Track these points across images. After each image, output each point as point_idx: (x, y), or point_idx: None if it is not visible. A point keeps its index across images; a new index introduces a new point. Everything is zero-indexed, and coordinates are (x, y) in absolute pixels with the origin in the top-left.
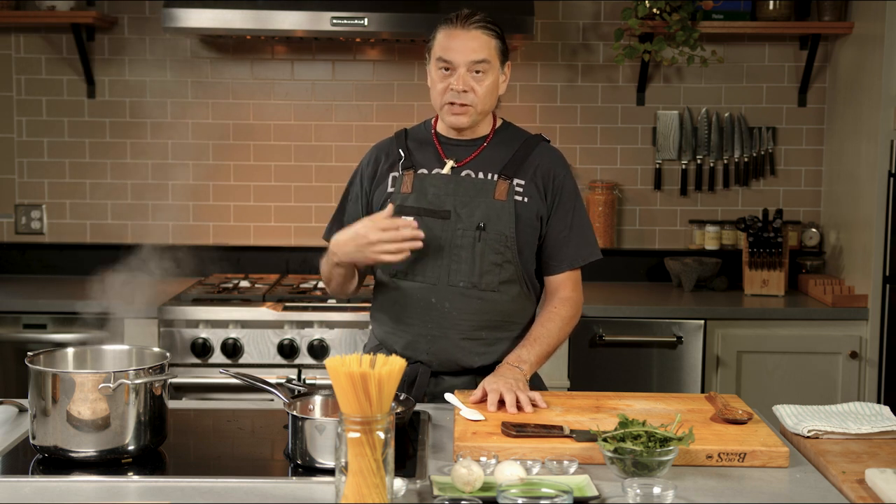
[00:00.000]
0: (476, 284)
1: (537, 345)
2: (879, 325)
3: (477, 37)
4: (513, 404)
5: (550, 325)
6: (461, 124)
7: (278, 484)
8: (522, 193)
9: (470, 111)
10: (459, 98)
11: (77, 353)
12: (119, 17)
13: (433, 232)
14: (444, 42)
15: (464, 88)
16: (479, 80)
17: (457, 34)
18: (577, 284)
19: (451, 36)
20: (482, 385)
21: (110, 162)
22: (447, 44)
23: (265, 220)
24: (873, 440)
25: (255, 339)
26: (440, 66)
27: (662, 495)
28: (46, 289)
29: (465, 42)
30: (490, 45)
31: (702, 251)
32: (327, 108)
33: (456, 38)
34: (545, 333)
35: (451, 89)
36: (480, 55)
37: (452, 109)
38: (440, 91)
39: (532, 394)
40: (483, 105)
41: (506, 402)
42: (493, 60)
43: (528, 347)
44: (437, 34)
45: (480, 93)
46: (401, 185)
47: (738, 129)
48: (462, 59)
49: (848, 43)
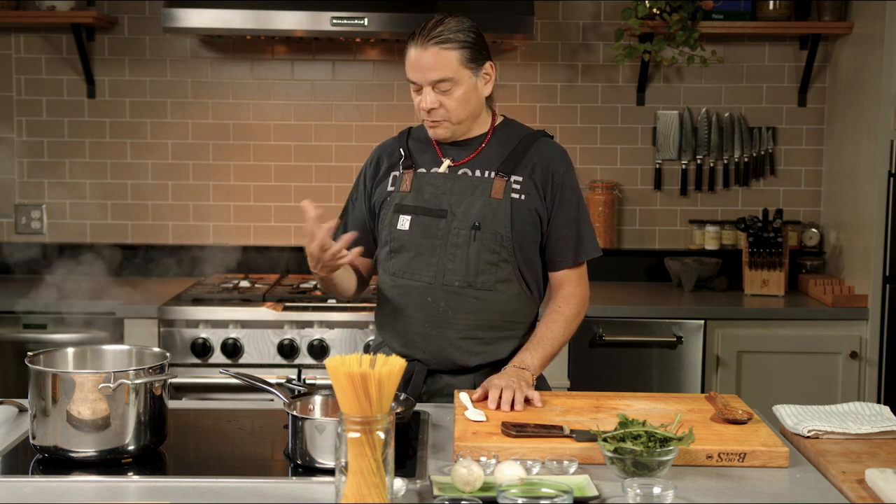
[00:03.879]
0: (471, 283)
1: (541, 347)
2: (879, 325)
3: (435, 54)
4: (508, 401)
5: (554, 327)
6: (439, 137)
7: (278, 484)
8: (520, 191)
9: (444, 124)
10: (430, 116)
11: (77, 353)
12: (119, 17)
13: (430, 231)
14: (410, 60)
15: (431, 106)
16: (448, 95)
17: (417, 53)
18: (581, 278)
19: (415, 55)
20: (485, 383)
21: (110, 162)
22: (411, 62)
23: (265, 220)
24: (873, 440)
25: (255, 339)
26: (411, 84)
27: (662, 495)
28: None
29: (423, 61)
30: (451, 60)
31: (702, 251)
32: (327, 108)
33: (417, 58)
34: (549, 335)
35: (421, 107)
36: (439, 74)
37: (428, 124)
38: (416, 107)
39: (531, 393)
40: (458, 116)
41: (502, 398)
42: (458, 74)
43: (532, 351)
44: (407, 50)
45: (451, 106)
46: (400, 184)
47: (738, 129)
48: (424, 79)
49: (848, 43)
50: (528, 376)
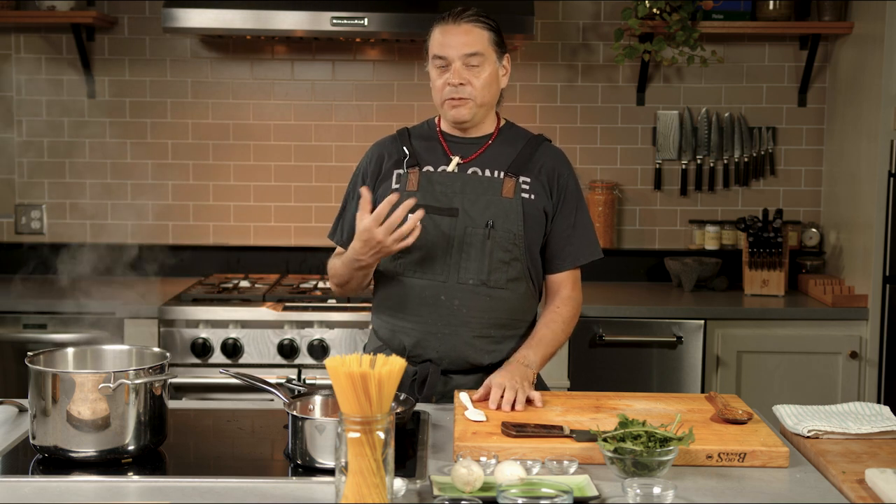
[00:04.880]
0: (485, 282)
1: (542, 347)
2: (879, 325)
3: (469, 30)
4: (509, 402)
5: (554, 327)
6: (461, 117)
7: (278, 484)
8: (529, 191)
9: (469, 104)
10: (457, 92)
11: (77, 353)
12: (119, 17)
13: (441, 229)
14: (438, 39)
15: (460, 82)
16: (476, 73)
17: (449, 30)
18: (577, 283)
19: (444, 32)
20: (487, 381)
21: (110, 162)
22: (441, 40)
23: (265, 220)
24: (873, 440)
25: (255, 339)
26: (437, 62)
27: (662, 495)
28: (46, 289)
29: (457, 36)
30: (483, 38)
31: (702, 251)
32: (327, 108)
33: (448, 34)
34: (549, 335)
35: (448, 84)
36: (473, 48)
37: (452, 103)
38: (439, 87)
39: (533, 394)
40: (482, 97)
41: (504, 397)
42: (488, 52)
43: (535, 349)
44: (432, 32)
45: (478, 84)
46: (406, 183)
47: (738, 129)
48: (455, 53)
49: (848, 43)
50: (530, 374)
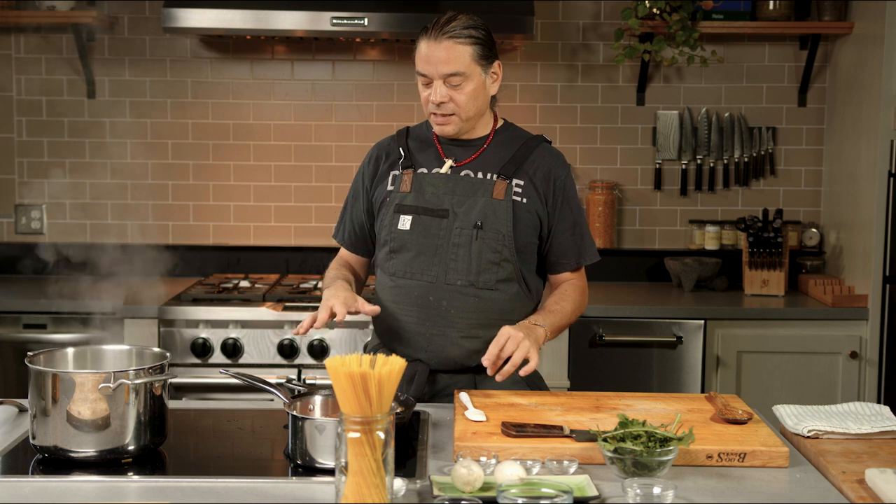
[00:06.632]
0: (473, 283)
1: (552, 316)
2: (879, 325)
3: (449, 48)
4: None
5: (564, 304)
6: (446, 133)
7: (278, 484)
8: (521, 194)
9: (453, 119)
10: (440, 109)
11: (77, 353)
12: (119, 17)
13: (431, 230)
14: (421, 53)
15: (441, 100)
16: (458, 89)
17: (430, 46)
18: (582, 275)
19: (427, 47)
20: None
21: (110, 162)
22: (423, 55)
23: (265, 220)
24: (873, 440)
25: (255, 339)
26: (420, 78)
27: (662, 495)
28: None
29: (437, 53)
30: (465, 55)
31: (702, 251)
32: (327, 108)
33: (430, 50)
34: (560, 309)
35: (430, 101)
36: (453, 68)
37: (436, 119)
38: (424, 101)
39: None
40: (467, 112)
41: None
42: (470, 69)
43: (546, 315)
44: (418, 44)
45: (461, 101)
46: (400, 184)
47: (738, 129)
48: (435, 72)
49: (848, 43)
50: (540, 333)
